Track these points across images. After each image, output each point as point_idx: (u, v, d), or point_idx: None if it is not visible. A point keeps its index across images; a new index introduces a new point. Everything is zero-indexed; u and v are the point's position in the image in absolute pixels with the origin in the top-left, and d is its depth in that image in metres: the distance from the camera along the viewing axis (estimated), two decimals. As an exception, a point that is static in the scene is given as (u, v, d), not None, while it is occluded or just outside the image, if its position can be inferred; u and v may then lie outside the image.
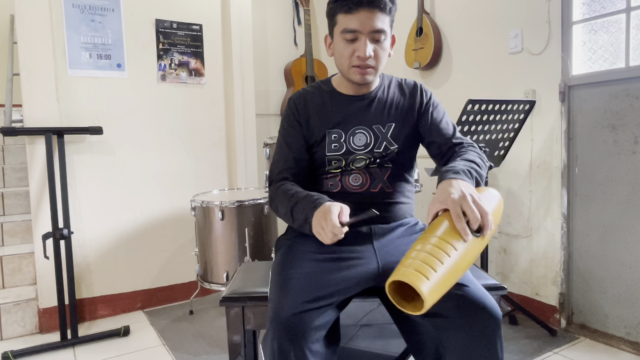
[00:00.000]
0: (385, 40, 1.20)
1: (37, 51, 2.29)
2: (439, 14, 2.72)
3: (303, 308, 1.02)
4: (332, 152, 1.29)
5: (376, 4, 1.15)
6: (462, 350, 1.03)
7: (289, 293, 1.05)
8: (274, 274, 1.18)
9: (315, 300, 1.04)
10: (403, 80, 1.38)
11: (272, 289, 1.13)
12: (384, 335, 2.15)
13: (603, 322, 2.07)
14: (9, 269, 2.47)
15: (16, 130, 2.22)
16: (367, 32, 1.17)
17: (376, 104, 1.31)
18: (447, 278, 0.90)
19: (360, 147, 1.28)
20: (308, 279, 1.09)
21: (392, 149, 1.29)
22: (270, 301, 1.08)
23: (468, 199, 0.99)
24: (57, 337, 2.27)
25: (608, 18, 1.99)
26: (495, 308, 1.05)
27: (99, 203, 2.52)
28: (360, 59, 1.19)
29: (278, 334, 1.00)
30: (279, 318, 1.01)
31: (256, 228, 2.28)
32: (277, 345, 1.00)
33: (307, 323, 1.01)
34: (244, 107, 2.92)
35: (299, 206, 1.17)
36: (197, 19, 2.78)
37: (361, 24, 1.16)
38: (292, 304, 1.02)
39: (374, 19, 1.16)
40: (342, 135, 1.29)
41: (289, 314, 1.00)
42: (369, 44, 1.17)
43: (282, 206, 1.24)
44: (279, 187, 1.28)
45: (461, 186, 1.02)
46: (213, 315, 2.52)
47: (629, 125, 1.93)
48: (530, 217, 2.31)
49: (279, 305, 1.03)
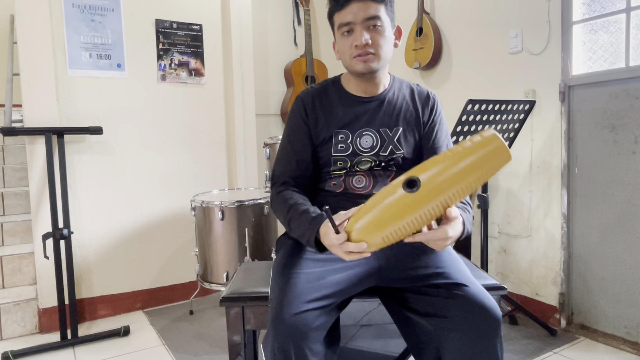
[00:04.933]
0: (382, 26, 1.19)
1: (37, 51, 2.29)
2: (439, 14, 2.72)
3: (304, 308, 1.02)
4: (338, 152, 1.28)
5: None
6: (461, 351, 1.03)
7: (290, 293, 1.05)
8: (275, 274, 1.18)
9: (316, 300, 1.04)
10: (416, 86, 1.37)
11: (273, 289, 1.13)
12: (384, 335, 2.15)
13: (603, 322, 2.07)
14: (9, 269, 2.47)
15: (16, 130, 2.22)
16: (360, 21, 1.18)
17: (385, 106, 1.30)
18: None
19: (366, 149, 1.28)
20: (309, 280, 1.09)
21: (398, 153, 1.28)
22: (271, 301, 1.08)
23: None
24: (57, 337, 2.27)
25: (608, 18, 1.99)
26: (495, 308, 1.05)
27: (99, 203, 2.53)
28: (358, 47, 1.19)
29: (279, 334, 1.00)
30: (280, 318, 1.01)
31: (256, 228, 2.28)
32: (278, 345, 1.00)
33: (308, 323, 1.01)
34: (244, 107, 2.92)
35: (295, 221, 1.17)
36: (197, 19, 2.78)
37: (354, 15, 1.18)
38: (293, 304, 1.02)
39: (365, 8, 1.17)
40: (349, 136, 1.28)
41: (290, 314, 1.00)
42: (364, 32, 1.18)
43: (281, 214, 1.24)
44: (278, 193, 1.27)
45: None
46: (213, 315, 2.52)
47: (629, 125, 1.93)
48: (530, 217, 2.31)
49: (280, 305, 1.03)
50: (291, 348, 0.99)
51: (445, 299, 1.08)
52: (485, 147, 0.94)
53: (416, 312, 1.13)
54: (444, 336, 1.06)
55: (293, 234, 1.19)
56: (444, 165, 0.95)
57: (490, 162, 0.94)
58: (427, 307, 1.11)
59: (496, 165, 0.95)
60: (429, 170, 0.96)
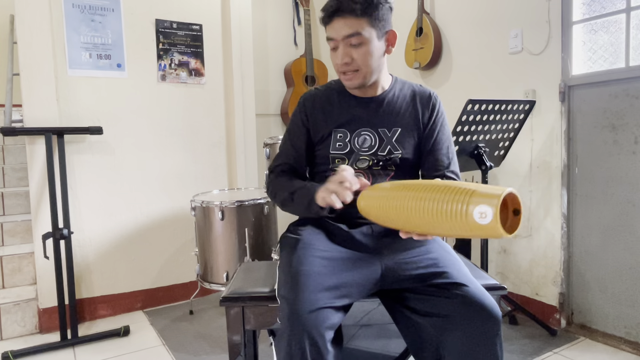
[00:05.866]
0: (364, 42, 1.20)
1: (37, 51, 2.29)
2: (439, 14, 2.72)
3: (320, 305, 1.02)
4: (336, 150, 1.30)
5: (346, 10, 1.17)
6: (461, 351, 1.04)
7: (305, 290, 1.04)
8: (284, 271, 1.17)
9: (330, 298, 1.05)
10: (419, 87, 1.37)
11: (283, 286, 1.11)
12: (384, 335, 2.15)
13: (603, 322, 2.07)
14: (9, 269, 2.47)
15: (16, 130, 2.22)
16: (341, 38, 1.20)
17: (384, 107, 1.32)
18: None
19: (364, 148, 1.29)
20: (321, 277, 1.09)
21: (396, 153, 1.30)
22: (284, 298, 1.07)
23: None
24: (57, 337, 2.27)
25: (608, 18, 1.99)
26: (494, 308, 1.05)
27: (99, 203, 2.53)
28: (339, 66, 1.24)
29: (296, 330, 0.99)
30: (296, 315, 1.00)
31: (256, 228, 2.28)
32: (295, 341, 0.99)
33: (323, 321, 1.01)
34: (244, 107, 2.92)
35: (300, 191, 1.23)
36: (197, 19, 2.78)
37: (336, 32, 1.20)
38: (309, 301, 1.02)
39: (346, 25, 1.18)
40: (347, 135, 1.30)
41: (307, 311, 1.00)
42: (344, 50, 1.21)
43: (282, 192, 1.29)
44: (277, 177, 1.35)
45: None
46: (213, 315, 2.52)
47: (629, 125, 1.93)
48: (530, 217, 2.31)
49: (296, 302, 1.02)
50: (307, 345, 0.98)
51: (445, 299, 1.08)
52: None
53: (416, 312, 1.13)
54: (443, 336, 1.06)
55: (297, 202, 1.23)
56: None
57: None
58: (427, 307, 1.11)
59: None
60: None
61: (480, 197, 0.85)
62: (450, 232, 0.91)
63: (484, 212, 0.83)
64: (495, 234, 0.84)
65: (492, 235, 0.85)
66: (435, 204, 0.90)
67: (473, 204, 0.85)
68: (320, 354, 0.99)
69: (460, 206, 0.86)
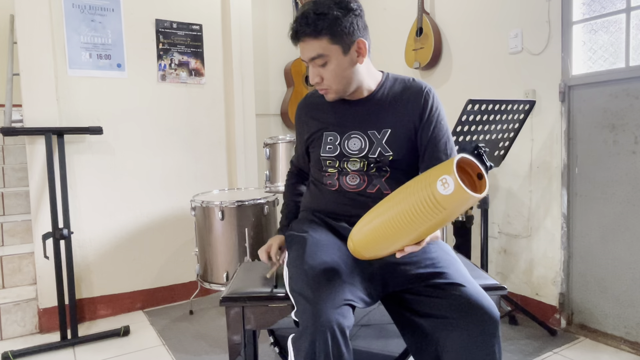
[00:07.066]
0: (328, 62, 1.19)
1: (37, 51, 2.29)
2: (439, 14, 2.72)
3: (341, 303, 1.02)
4: (326, 153, 1.30)
5: (304, 33, 1.18)
6: (460, 351, 1.04)
7: (326, 289, 1.04)
8: (297, 267, 1.16)
9: (350, 295, 1.06)
10: (411, 81, 1.31)
11: (298, 283, 1.11)
12: (384, 335, 2.15)
13: (603, 322, 2.07)
14: (9, 269, 2.47)
15: (16, 130, 2.22)
16: (307, 60, 1.22)
17: (373, 108, 1.28)
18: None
19: (354, 151, 1.27)
20: (336, 277, 1.09)
21: (386, 155, 1.25)
22: (300, 295, 1.06)
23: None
24: (57, 337, 2.27)
25: (608, 18, 1.99)
26: (492, 308, 1.05)
27: (99, 203, 2.53)
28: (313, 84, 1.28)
29: (319, 327, 0.98)
30: (319, 312, 0.99)
31: (256, 228, 2.28)
32: (318, 339, 0.98)
33: (344, 319, 1.01)
34: (244, 107, 2.92)
35: (282, 217, 1.52)
36: (197, 19, 2.78)
37: (302, 54, 1.24)
38: (332, 298, 1.02)
39: (307, 48, 1.20)
40: (337, 137, 1.29)
41: (329, 309, 1.00)
42: (312, 71, 1.23)
43: (284, 199, 1.55)
44: (288, 179, 1.57)
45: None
46: (213, 315, 2.52)
47: (629, 125, 1.93)
48: (530, 217, 2.31)
49: (319, 298, 1.02)
50: (330, 342, 0.98)
51: (444, 300, 1.08)
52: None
53: (415, 313, 1.13)
54: (442, 336, 1.06)
55: (281, 219, 1.52)
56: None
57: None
58: (426, 308, 1.11)
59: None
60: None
61: (436, 171, 0.92)
62: (433, 220, 0.94)
63: (446, 182, 0.89)
64: (465, 196, 0.88)
65: (465, 201, 0.89)
66: (406, 203, 0.95)
67: (433, 180, 0.91)
68: (341, 352, 0.99)
69: (425, 189, 0.92)
